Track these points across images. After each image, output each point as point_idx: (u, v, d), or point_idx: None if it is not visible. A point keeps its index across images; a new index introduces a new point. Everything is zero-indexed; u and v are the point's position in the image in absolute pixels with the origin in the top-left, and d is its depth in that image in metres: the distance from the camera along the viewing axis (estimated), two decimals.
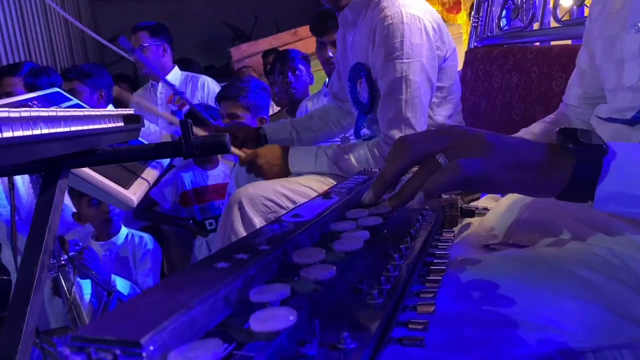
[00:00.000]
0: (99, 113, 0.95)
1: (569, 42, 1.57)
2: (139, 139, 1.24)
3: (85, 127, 0.88)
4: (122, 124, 1.04)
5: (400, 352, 0.44)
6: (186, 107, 3.02)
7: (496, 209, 0.90)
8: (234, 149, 1.55)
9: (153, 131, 2.90)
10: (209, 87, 3.18)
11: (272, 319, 0.29)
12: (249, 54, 4.56)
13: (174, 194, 2.69)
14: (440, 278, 0.57)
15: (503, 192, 0.81)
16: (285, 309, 0.30)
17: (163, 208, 2.70)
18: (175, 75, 3.22)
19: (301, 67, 2.81)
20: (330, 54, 2.39)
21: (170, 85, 2.98)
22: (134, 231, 2.34)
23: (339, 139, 2.10)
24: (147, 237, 2.32)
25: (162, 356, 0.26)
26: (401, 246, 0.56)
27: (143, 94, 3.27)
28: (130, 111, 1.07)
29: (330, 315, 0.39)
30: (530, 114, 1.45)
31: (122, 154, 0.92)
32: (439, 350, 0.52)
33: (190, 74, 3.34)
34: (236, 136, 1.62)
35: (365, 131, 1.68)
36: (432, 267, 0.60)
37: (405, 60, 1.33)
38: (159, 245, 2.38)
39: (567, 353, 0.56)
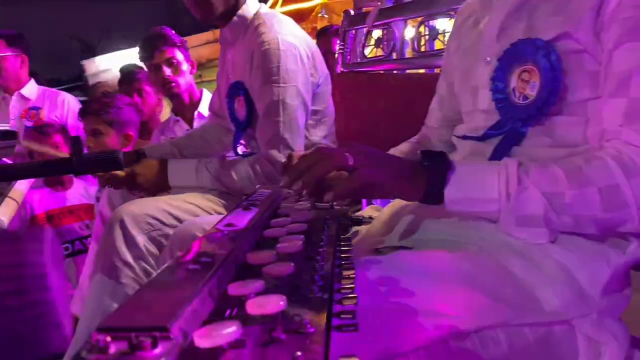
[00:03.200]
0: None
1: (423, 70, 1.78)
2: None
3: None
4: None
5: (335, 338, 0.50)
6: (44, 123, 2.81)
7: (380, 217, 1.00)
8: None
9: None
10: (69, 104, 2.96)
11: (267, 304, 0.33)
12: (104, 68, 4.35)
13: (21, 218, 2.45)
14: (353, 275, 0.64)
15: (382, 197, 0.99)
16: (275, 296, 0.35)
17: None
18: (31, 88, 2.97)
19: (147, 88, 2.74)
20: (168, 74, 2.32)
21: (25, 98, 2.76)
22: None
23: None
24: None
25: (184, 338, 0.29)
26: (319, 249, 0.63)
27: None
28: (5, 126, 1.01)
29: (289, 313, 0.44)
30: (395, 134, 1.61)
31: (7, 171, 0.87)
32: (356, 341, 0.59)
33: (48, 89, 3.11)
34: None
35: (242, 148, 1.72)
36: (343, 267, 0.67)
37: (281, 85, 1.41)
38: None
39: (456, 334, 0.67)
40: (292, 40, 1.45)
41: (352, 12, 2.02)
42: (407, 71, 1.85)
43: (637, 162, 0.71)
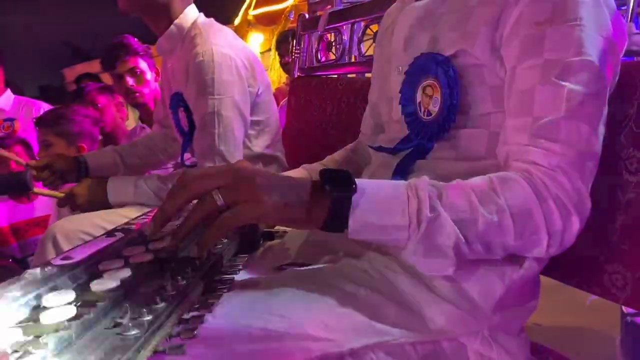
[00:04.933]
0: None
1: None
2: None
3: None
4: None
5: None
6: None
7: (292, 231, 0.99)
8: (48, 191, 1.48)
9: None
10: None
11: None
12: (83, 74, 4.33)
13: None
14: (214, 302, 0.63)
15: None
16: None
17: None
18: (6, 99, 2.96)
19: (101, 99, 2.70)
20: (131, 83, 2.31)
21: None
22: None
23: (171, 166, 2.10)
24: None
25: None
26: (178, 277, 0.62)
27: None
28: None
29: (83, 352, 0.43)
30: (342, 140, 1.59)
31: None
32: None
33: (25, 98, 3.10)
34: (55, 169, 1.55)
35: (191, 159, 1.71)
36: (211, 293, 0.66)
37: (216, 96, 1.40)
38: None
39: (327, 357, 0.66)
40: (228, 51, 1.44)
41: (306, 16, 2.01)
42: (357, 75, 1.83)
43: (548, 184, 0.68)
